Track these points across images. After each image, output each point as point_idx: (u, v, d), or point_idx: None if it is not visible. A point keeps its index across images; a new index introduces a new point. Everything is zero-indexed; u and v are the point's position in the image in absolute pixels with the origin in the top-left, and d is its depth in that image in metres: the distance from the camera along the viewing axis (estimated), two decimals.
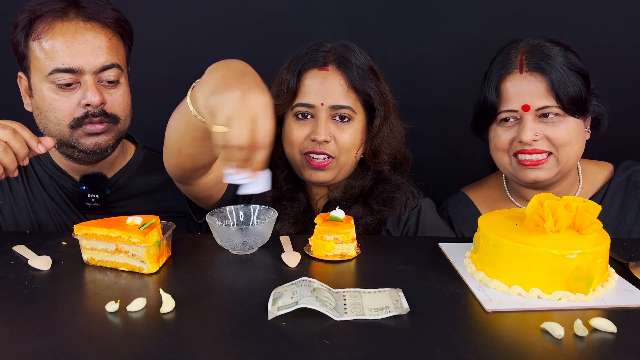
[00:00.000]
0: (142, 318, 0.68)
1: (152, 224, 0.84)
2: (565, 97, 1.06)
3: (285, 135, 1.17)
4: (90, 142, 1.11)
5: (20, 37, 1.08)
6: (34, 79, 1.09)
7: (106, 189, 1.21)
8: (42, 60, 1.06)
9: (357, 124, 1.14)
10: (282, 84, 1.14)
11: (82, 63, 1.06)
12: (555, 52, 1.08)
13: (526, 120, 1.08)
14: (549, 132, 1.08)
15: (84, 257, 0.86)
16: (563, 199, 0.78)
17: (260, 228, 0.90)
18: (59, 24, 1.06)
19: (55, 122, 1.09)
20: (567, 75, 1.06)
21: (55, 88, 1.07)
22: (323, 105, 1.10)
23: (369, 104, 1.15)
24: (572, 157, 1.11)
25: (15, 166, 0.93)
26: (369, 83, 1.13)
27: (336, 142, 1.12)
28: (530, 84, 1.08)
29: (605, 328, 0.64)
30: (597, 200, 1.17)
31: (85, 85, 1.08)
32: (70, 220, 1.20)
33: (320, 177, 1.14)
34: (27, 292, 0.76)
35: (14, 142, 0.91)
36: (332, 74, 1.12)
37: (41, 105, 1.09)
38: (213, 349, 0.60)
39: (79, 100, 1.08)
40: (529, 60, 1.08)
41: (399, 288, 0.75)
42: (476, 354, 0.59)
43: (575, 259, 0.72)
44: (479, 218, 0.85)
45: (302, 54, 1.14)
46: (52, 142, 0.95)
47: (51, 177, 1.21)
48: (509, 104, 1.10)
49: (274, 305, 0.69)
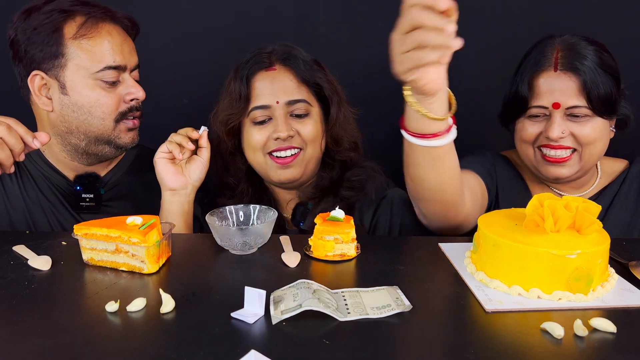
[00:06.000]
0: (142, 318, 0.68)
1: (152, 224, 0.84)
2: (595, 98, 1.07)
3: (245, 142, 1.19)
4: (128, 137, 1.19)
5: (49, 37, 1.09)
6: (72, 76, 1.11)
7: (100, 188, 1.22)
8: (88, 58, 1.10)
9: (315, 115, 1.17)
10: (233, 93, 1.16)
11: (127, 61, 1.15)
12: (590, 52, 1.09)
13: (555, 118, 1.09)
14: (576, 130, 1.09)
15: (84, 257, 0.86)
16: (563, 199, 0.78)
17: (260, 228, 0.90)
18: (102, 25, 1.13)
19: (100, 117, 1.13)
20: (599, 77, 1.07)
21: (103, 84, 1.12)
22: (278, 103, 1.13)
23: (321, 95, 1.18)
24: (595, 155, 1.12)
25: (12, 162, 0.93)
26: (317, 74, 1.17)
27: (300, 135, 1.15)
28: (562, 82, 1.08)
29: (605, 328, 0.64)
30: (615, 188, 1.19)
31: (126, 82, 1.15)
32: (65, 220, 1.20)
33: (288, 174, 1.16)
34: (27, 292, 0.76)
35: (9, 138, 0.91)
36: (280, 72, 1.15)
37: (83, 101, 1.12)
38: (213, 349, 0.60)
39: (122, 96, 1.15)
40: (564, 59, 1.09)
41: (396, 285, 0.76)
42: (476, 354, 0.59)
43: (575, 259, 0.72)
44: (479, 218, 0.85)
45: (246, 60, 1.17)
46: (47, 137, 0.95)
47: (45, 176, 1.21)
48: (540, 99, 1.10)
49: (276, 309, 0.69)
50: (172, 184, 1.13)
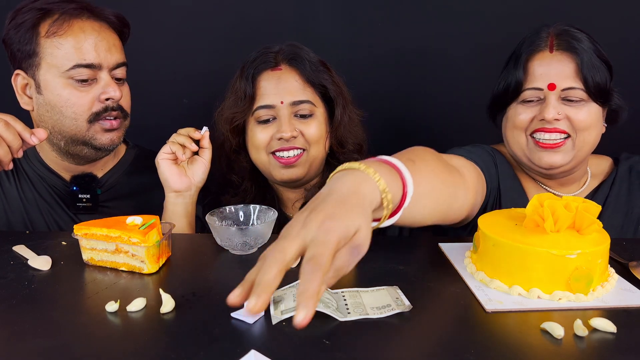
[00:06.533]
0: (141, 318, 0.68)
1: (152, 224, 0.84)
2: (592, 82, 1.05)
3: (249, 141, 1.19)
4: (106, 138, 1.15)
5: (25, 35, 1.08)
6: (45, 75, 1.10)
7: (97, 189, 1.22)
8: (59, 57, 1.08)
9: (319, 116, 1.17)
10: (238, 92, 1.16)
11: (101, 59, 1.11)
12: (584, 37, 1.08)
13: (550, 99, 1.07)
14: (572, 113, 1.07)
15: (83, 257, 0.86)
16: (563, 199, 0.78)
17: (260, 228, 0.90)
18: (76, 22, 1.10)
19: (72, 117, 1.11)
20: (595, 61, 1.06)
21: (75, 83, 1.10)
22: (283, 103, 1.13)
23: (326, 96, 1.18)
24: (587, 143, 1.10)
25: (10, 158, 0.93)
26: (323, 75, 1.17)
27: (304, 136, 1.14)
28: (559, 63, 1.07)
29: (605, 328, 0.64)
30: (606, 190, 1.18)
31: (102, 81, 1.12)
32: (62, 220, 1.20)
33: (292, 174, 1.16)
34: (27, 292, 0.76)
35: (6, 134, 0.91)
36: (285, 72, 1.15)
37: (55, 101, 1.10)
38: (213, 349, 0.60)
39: (97, 96, 1.12)
40: (560, 39, 1.08)
41: (396, 285, 0.76)
42: (476, 354, 0.59)
43: (575, 259, 0.72)
44: (479, 218, 0.85)
45: (252, 59, 1.17)
46: (45, 134, 0.95)
47: (41, 176, 1.21)
48: (535, 82, 1.09)
49: (276, 309, 0.69)
50: (176, 185, 1.13)
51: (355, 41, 1.61)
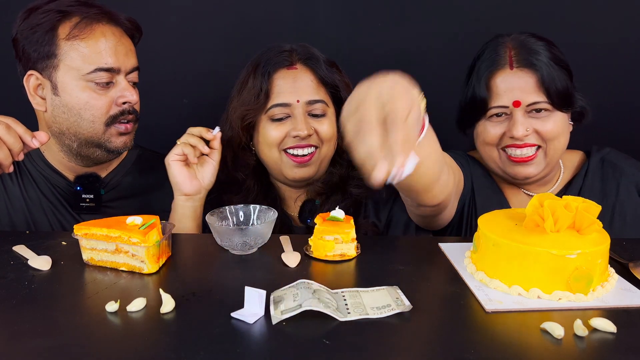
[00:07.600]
0: (142, 318, 0.68)
1: (152, 224, 0.84)
2: (554, 93, 1.07)
3: (260, 138, 1.18)
4: (120, 141, 1.16)
5: (44, 36, 1.09)
6: (63, 77, 1.10)
7: (100, 189, 1.22)
8: (79, 60, 1.09)
9: (331, 116, 1.18)
10: (252, 89, 1.15)
11: (120, 64, 1.13)
12: (541, 47, 1.10)
13: (517, 116, 1.09)
14: (539, 126, 1.09)
15: (84, 257, 0.86)
16: (563, 198, 0.78)
17: (260, 228, 0.90)
18: (97, 26, 1.11)
19: (90, 120, 1.12)
20: (554, 71, 1.08)
21: (94, 86, 1.11)
22: (299, 102, 1.13)
23: (336, 97, 1.19)
24: (559, 150, 1.13)
25: (10, 161, 0.93)
26: (335, 76, 1.18)
27: (318, 134, 1.15)
28: (520, 79, 1.09)
29: (605, 328, 0.64)
30: (579, 182, 1.20)
31: (119, 85, 1.13)
32: (65, 220, 1.20)
33: (304, 173, 1.16)
34: (27, 292, 0.76)
35: (7, 137, 0.91)
36: (300, 71, 1.16)
37: (73, 103, 1.11)
38: (213, 349, 0.60)
39: (114, 99, 1.13)
40: (519, 56, 1.09)
41: (396, 285, 0.76)
42: (476, 354, 0.59)
43: (575, 259, 0.72)
44: (479, 218, 0.85)
45: (266, 57, 1.17)
46: (46, 137, 0.95)
47: (45, 177, 1.21)
48: (499, 99, 1.10)
49: (276, 309, 0.68)
50: (187, 189, 1.12)
51: (355, 41, 1.61)
